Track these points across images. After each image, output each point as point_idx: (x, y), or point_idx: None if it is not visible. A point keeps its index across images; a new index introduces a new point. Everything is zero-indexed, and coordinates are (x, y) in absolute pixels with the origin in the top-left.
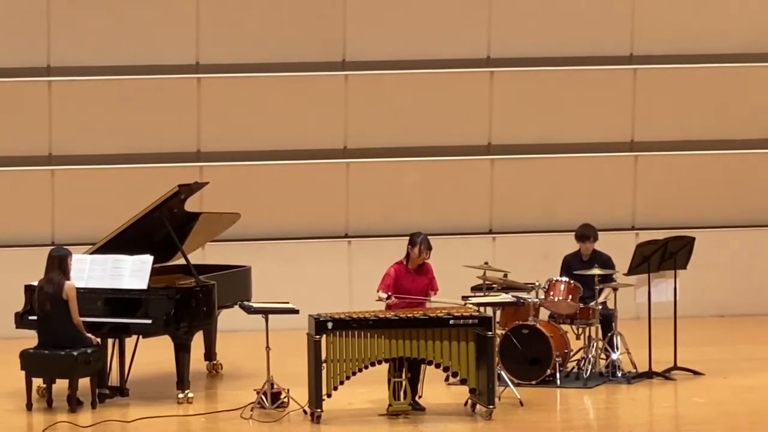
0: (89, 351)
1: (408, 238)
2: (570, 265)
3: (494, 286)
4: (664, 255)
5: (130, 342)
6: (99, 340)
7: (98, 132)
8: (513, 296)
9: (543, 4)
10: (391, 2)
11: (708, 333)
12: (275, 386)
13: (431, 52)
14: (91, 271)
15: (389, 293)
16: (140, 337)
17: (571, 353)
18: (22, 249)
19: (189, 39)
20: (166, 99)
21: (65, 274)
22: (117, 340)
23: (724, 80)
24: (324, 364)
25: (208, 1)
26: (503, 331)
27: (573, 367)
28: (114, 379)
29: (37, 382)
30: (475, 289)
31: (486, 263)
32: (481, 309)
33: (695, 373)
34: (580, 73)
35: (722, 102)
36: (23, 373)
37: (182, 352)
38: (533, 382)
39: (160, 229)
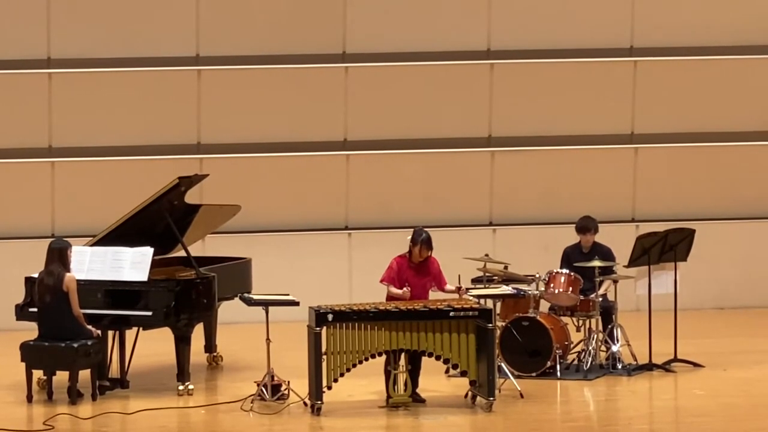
0: (89, 343)
1: (410, 230)
2: (570, 257)
3: (494, 278)
4: (664, 247)
5: (130, 334)
6: (99, 332)
7: (98, 124)
8: (513, 288)
9: None
10: None
11: (708, 325)
12: (275, 378)
13: (431, 44)
14: (91, 263)
15: (407, 286)
16: (140, 329)
17: (572, 345)
18: (23, 241)
19: (189, 31)
20: (166, 91)
21: (65, 266)
22: (117, 332)
23: (724, 72)
24: (324, 356)
25: None
26: (503, 323)
27: (573, 359)
28: (114, 371)
29: (38, 374)
30: (475, 281)
31: (486, 255)
32: (482, 301)
33: (695, 365)
34: (581, 66)
35: (722, 94)
36: (23, 365)
37: (182, 344)
38: (533, 374)
39: (160, 221)
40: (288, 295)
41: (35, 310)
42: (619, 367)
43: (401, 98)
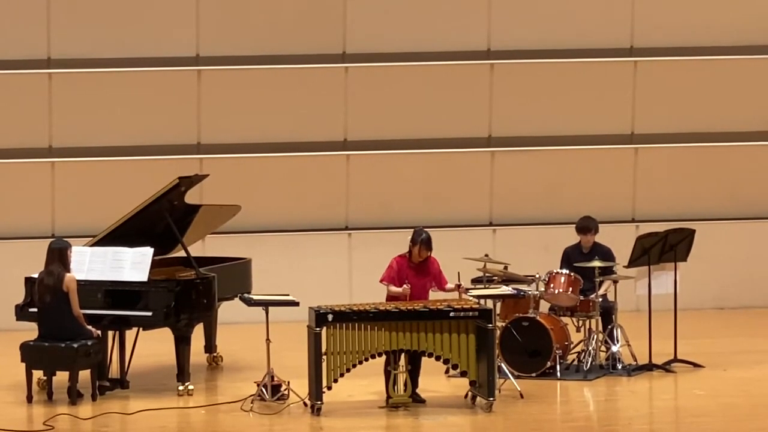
0: (89, 343)
1: (410, 231)
2: (570, 257)
3: (494, 278)
4: (664, 247)
5: (130, 334)
6: (99, 332)
7: (98, 124)
8: (513, 288)
9: None
10: None
11: (708, 325)
12: (275, 378)
13: (432, 44)
14: (91, 264)
15: (407, 282)
16: (140, 329)
17: (572, 345)
18: (23, 241)
19: (189, 31)
20: (166, 91)
21: (65, 266)
22: (117, 332)
23: (723, 72)
24: (324, 357)
25: None
26: (503, 324)
27: (573, 360)
28: (114, 371)
29: (38, 374)
30: (475, 281)
31: (486, 255)
32: (482, 301)
33: (695, 365)
34: (581, 66)
35: (722, 94)
36: (23, 365)
37: (182, 344)
38: (533, 375)
39: (160, 222)
40: (288, 295)
41: (35, 310)
42: (619, 367)
43: (401, 98)
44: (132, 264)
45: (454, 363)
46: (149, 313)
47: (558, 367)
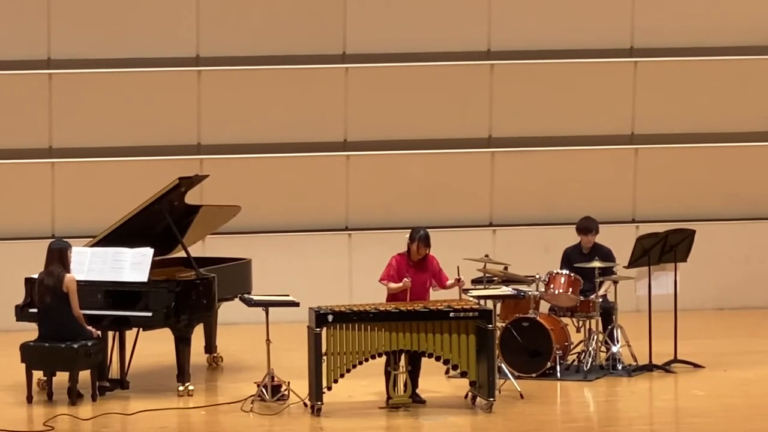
0: (89, 343)
1: (409, 231)
2: (570, 257)
3: (494, 278)
4: (665, 248)
5: (130, 334)
6: (99, 332)
7: (99, 125)
8: (513, 289)
9: None
10: None
11: (708, 326)
12: (275, 379)
13: (432, 45)
14: (91, 264)
15: (407, 276)
16: (140, 329)
17: (572, 346)
18: (23, 242)
19: (189, 32)
20: (166, 92)
21: (65, 266)
22: (117, 333)
23: (724, 73)
24: (324, 357)
25: None
26: (503, 324)
27: (573, 360)
28: (114, 371)
29: (38, 374)
30: (475, 281)
31: (486, 256)
32: (482, 302)
33: (695, 365)
34: (581, 66)
35: (722, 95)
36: (23, 365)
37: (182, 344)
38: (533, 375)
39: (160, 222)
40: (288, 295)
41: (35, 310)
42: (619, 367)
43: (401, 98)
44: (132, 264)
45: (454, 363)
46: (149, 314)
47: (558, 368)
